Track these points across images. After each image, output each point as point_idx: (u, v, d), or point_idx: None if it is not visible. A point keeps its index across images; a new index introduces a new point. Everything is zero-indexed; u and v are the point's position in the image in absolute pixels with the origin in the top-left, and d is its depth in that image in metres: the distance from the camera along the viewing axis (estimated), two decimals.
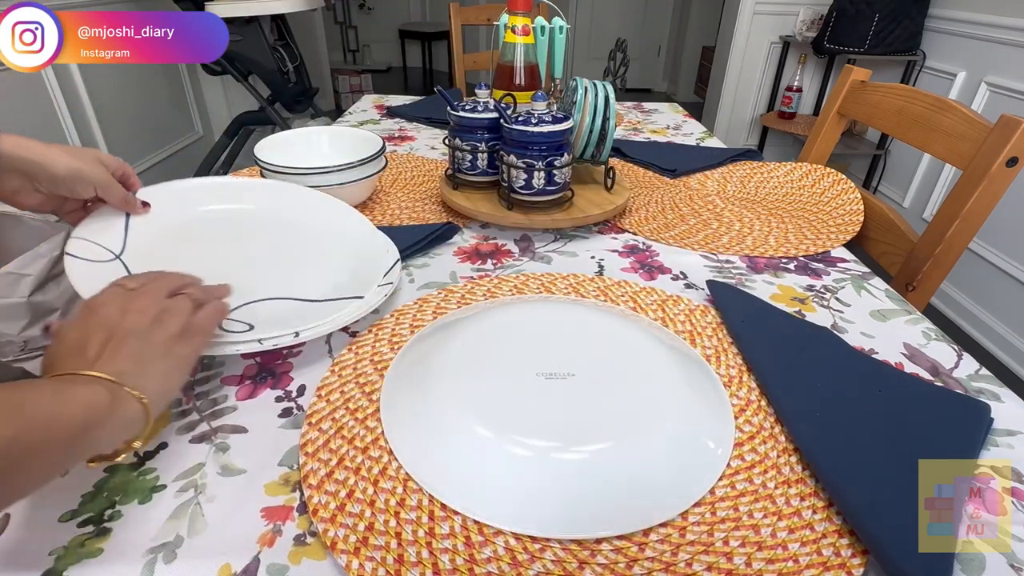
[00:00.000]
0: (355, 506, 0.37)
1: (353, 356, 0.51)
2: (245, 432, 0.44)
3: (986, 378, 0.51)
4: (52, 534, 0.35)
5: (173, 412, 0.45)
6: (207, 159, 2.39)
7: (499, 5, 0.99)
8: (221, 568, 0.34)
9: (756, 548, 0.36)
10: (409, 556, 0.34)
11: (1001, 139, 0.69)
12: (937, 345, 0.56)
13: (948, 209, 0.74)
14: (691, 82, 4.52)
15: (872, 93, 0.93)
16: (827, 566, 0.35)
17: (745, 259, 0.71)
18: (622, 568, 0.35)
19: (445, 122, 0.84)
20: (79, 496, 0.38)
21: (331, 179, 0.74)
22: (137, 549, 0.35)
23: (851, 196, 0.85)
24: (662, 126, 1.27)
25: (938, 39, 2.22)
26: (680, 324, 0.58)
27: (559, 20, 0.88)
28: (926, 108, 0.82)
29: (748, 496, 0.39)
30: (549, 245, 0.74)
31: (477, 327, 0.52)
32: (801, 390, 0.47)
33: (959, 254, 0.75)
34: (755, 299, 0.61)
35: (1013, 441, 0.44)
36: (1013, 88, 1.82)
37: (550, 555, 0.35)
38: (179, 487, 0.39)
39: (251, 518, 0.37)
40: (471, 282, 0.64)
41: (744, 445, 0.43)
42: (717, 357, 0.53)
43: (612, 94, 0.76)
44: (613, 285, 0.64)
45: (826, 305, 0.62)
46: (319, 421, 0.44)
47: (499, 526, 0.36)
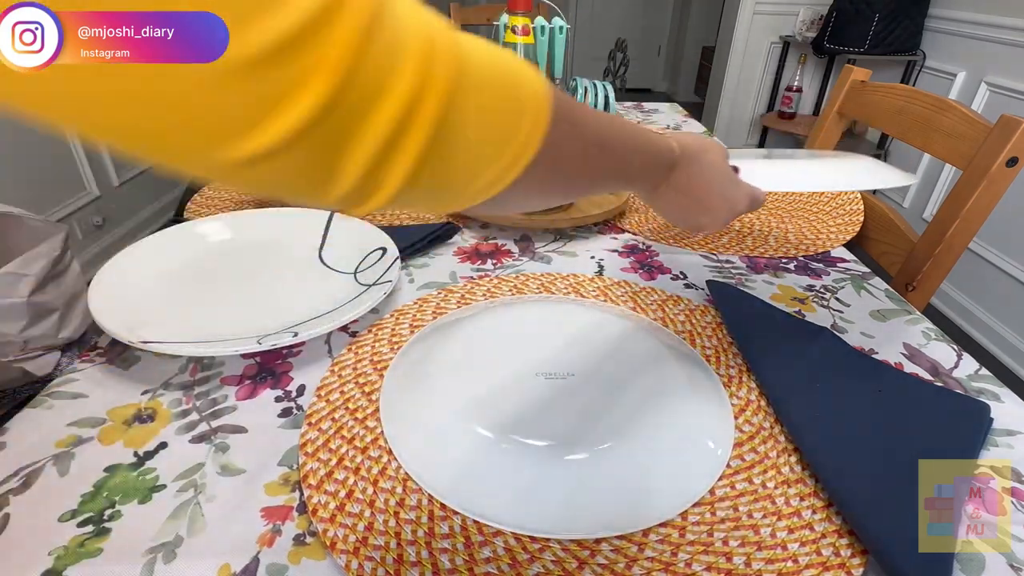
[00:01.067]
0: (355, 506, 0.37)
1: (353, 356, 0.51)
2: (245, 432, 0.44)
3: (986, 378, 0.51)
4: (52, 534, 0.35)
5: (173, 412, 0.45)
6: None
7: (499, 5, 0.99)
8: (221, 568, 0.34)
9: (756, 548, 0.36)
10: (409, 556, 0.34)
11: (1001, 139, 0.69)
12: (937, 345, 0.56)
13: (948, 209, 0.74)
14: (691, 82, 4.52)
15: (872, 93, 0.93)
16: (827, 566, 0.35)
17: (745, 259, 0.71)
18: (621, 568, 0.35)
19: None
20: (79, 496, 0.38)
21: None
22: (137, 549, 0.35)
23: (851, 196, 0.85)
24: (662, 126, 1.27)
25: (938, 39, 2.22)
26: (680, 324, 0.58)
27: (559, 20, 0.88)
28: (926, 108, 0.82)
29: (748, 496, 0.39)
30: (549, 245, 0.74)
31: (477, 327, 0.52)
32: (801, 390, 0.47)
33: (959, 254, 0.75)
34: (755, 299, 0.61)
35: (1013, 441, 0.44)
36: (1013, 88, 1.82)
37: (550, 555, 0.35)
38: (179, 487, 0.39)
39: (251, 518, 0.37)
40: (471, 282, 0.64)
41: (744, 445, 0.43)
42: (717, 357, 0.53)
43: (612, 94, 0.76)
44: (613, 285, 0.64)
45: (826, 305, 0.62)
46: (319, 421, 0.44)
47: (499, 526, 0.36)
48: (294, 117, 0.17)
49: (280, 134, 0.17)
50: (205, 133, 0.16)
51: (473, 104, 0.21)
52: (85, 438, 0.42)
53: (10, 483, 0.39)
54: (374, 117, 0.18)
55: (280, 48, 0.16)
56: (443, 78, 0.19)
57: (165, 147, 0.17)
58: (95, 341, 0.53)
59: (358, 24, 0.17)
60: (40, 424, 0.43)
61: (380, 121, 0.18)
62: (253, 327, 0.51)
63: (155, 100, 0.16)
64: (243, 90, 0.16)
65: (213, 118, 0.16)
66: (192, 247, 0.64)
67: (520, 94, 0.23)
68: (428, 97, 0.19)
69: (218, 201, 0.83)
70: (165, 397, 0.47)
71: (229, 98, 0.16)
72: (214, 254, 0.64)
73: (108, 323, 0.48)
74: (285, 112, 0.16)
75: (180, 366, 0.50)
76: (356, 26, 0.17)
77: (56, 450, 0.41)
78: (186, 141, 0.17)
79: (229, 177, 0.18)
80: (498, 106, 0.22)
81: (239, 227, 0.68)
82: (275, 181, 0.19)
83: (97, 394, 0.47)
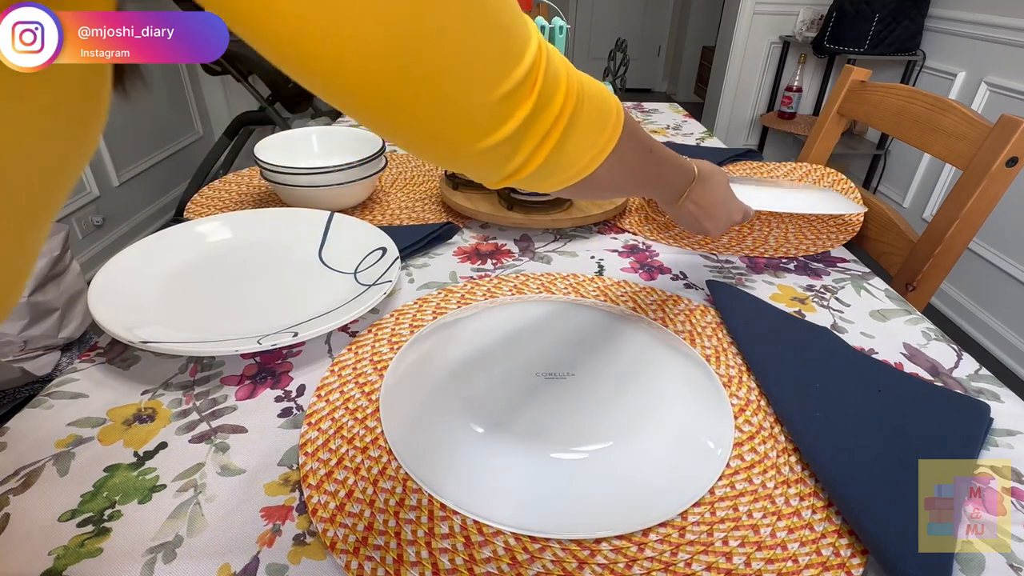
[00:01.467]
0: (354, 506, 0.37)
1: (353, 356, 0.51)
2: (245, 432, 0.44)
3: (986, 378, 0.51)
4: (52, 534, 0.35)
5: (173, 412, 0.45)
6: (207, 159, 2.39)
7: None
8: (221, 568, 0.34)
9: (755, 548, 0.36)
10: (408, 556, 0.34)
11: (1001, 139, 0.69)
12: (937, 345, 0.56)
13: (948, 209, 0.74)
14: (691, 82, 4.52)
15: (872, 93, 0.93)
16: (826, 566, 0.35)
17: (745, 259, 0.71)
18: (621, 568, 0.35)
19: None
20: (79, 496, 0.38)
21: (331, 179, 0.74)
22: (137, 549, 0.35)
23: (851, 197, 0.85)
24: (662, 126, 1.27)
25: (938, 39, 2.22)
26: (680, 324, 0.58)
27: (559, 20, 0.88)
28: (926, 108, 0.82)
29: (748, 496, 0.39)
30: (549, 245, 0.74)
31: (477, 327, 0.52)
32: (801, 390, 0.47)
33: (959, 254, 0.75)
34: (755, 299, 0.61)
35: (1013, 441, 0.44)
36: (1013, 88, 1.82)
37: (549, 555, 0.35)
38: (179, 487, 0.39)
39: (251, 518, 0.37)
40: (471, 282, 0.64)
41: (744, 445, 0.43)
42: (717, 357, 0.53)
43: None
44: (613, 285, 0.64)
45: (826, 305, 0.62)
46: (319, 421, 0.44)
47: (498, 526, 0.36)
48: (512, 125, 0.27)
49: (504, 135, 0.27)
50: (474, 132, 0.27)
51: (585, 113, 0.31)
52: (85, 438, 0.42)
53: (10, 483, 0.39)
54: (541, 122, 0.29)
55: (518, 85, 0.26)
56: (574, 98, 0.30)
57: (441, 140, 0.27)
58: (95, 341, 0.53)
59: (543, 69, 0.27)
60: (40, 424, 0.43)
61: (545, 122, 0.29)
62: (253, 327, 0.51)
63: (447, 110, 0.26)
64: (499, 109, 0.27)
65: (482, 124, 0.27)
66: (192, 247, 0.64)
67: (607, 108, 0.34)
68: (566, 110, 0.30)
69: (218, 201, 0.83)
70: (165, 397, 0.47)
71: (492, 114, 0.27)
72: (214, 254, 0.64)
73: (108, 323, 0.48)
74: (510, 122, 0.27)
75: (180, 366, 0.50)
76: (543, 70, 0.27)
77: (56, 450, 0.41)
78: (458, 137, 0.27)
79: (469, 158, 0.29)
80: (596, 116, 0.33)
81: (239, 227, 0.68)
82: (488, 161, 0.29)
83: (97, 394, 0.47)
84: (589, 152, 0.33)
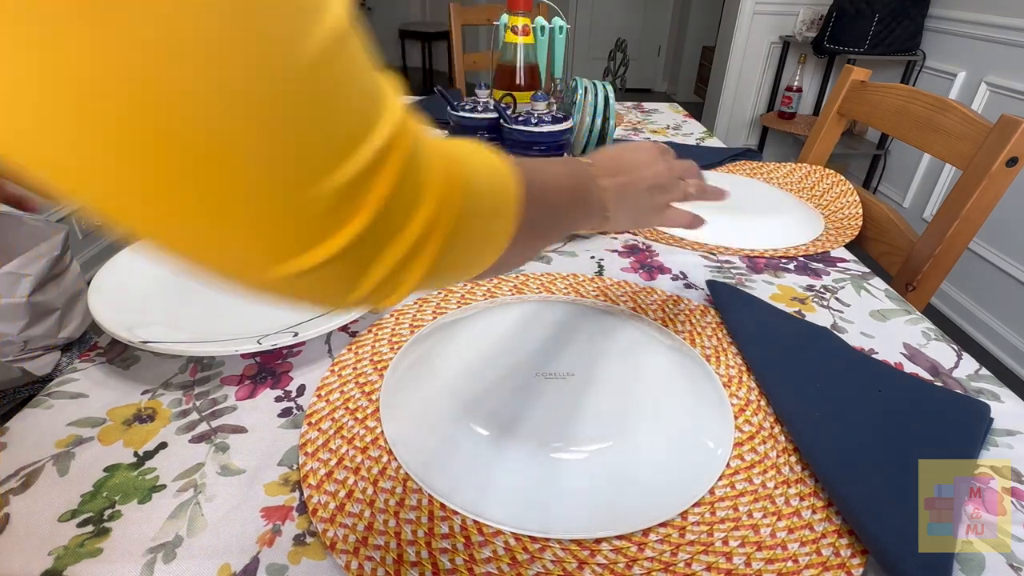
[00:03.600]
0: (355, 506, 0.37)
1: (353, 356, 0.51)
2: (245, 432, 0.44)
3: (986, 378, 0.51)
4: (52, 534, 0.35)
5: (173, 412, 0.45)
6: None
7: (499, 5, 0.99)
8: (221, 568, 0.34)
9: (755, 548, 0.36)
10: (408, 556, 0.34)
11: (1001, 139, 0.69)
12: (937, 345, 0.56)
13: (948, 209, 0.74)
14: (691, 82, 4.52)
15: (872, 93, 0.93)
16: (826, 566, 0.35)
17: (745, 259, 0.71)
18: (621, 568, 0.35)
19: (445, 122, 0.84)
20: (79, 496, 0.38)
21: None
22: (137, 549, 0.35)
23: (850, 199, 0.85)
24: (662, 126, 1.27)
25: (938, 39, 2.22)
26: (680, 324, 0.58)
27: (559, 20, 0.88)
28: (926, 108, 0.82)
29: (748, 496, 0.39)
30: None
31: (477, 327, 0.52)
32: (801, 390, 0.47)
33: (959, 254, 0.75)
34: (755, 299, 0.61)
35: (1013, 441, 0.44)
36: (1013, 88, 1.82)
37: (550, 555, 0.35)
38: (179, 487, 0.39)
39: (250, 518, 0.37)
40: (471, 282, 0.64)
41: (744, 445, 0.43)
42: (717, 357, 0.53)
43: (612, 94, 0.76)
44: (613, 285, 0.64)
45: (826, 305, 0.62)
46: (319, 421, 0.44)
47: (498, 526, 0.36)
48: (344, 240, 0.19)
49: (329, 253, 0.19)
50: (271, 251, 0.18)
51: (473, 217, 0.25)
52: (85, 438, 0.42)
53: (10, 483, 0.39)
54: (399, 239, 0.21)
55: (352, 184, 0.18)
56: (455, 207, 0.23)
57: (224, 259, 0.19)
58: (95, 341, 0.53)
59: (399, 167, 0.20)
60: (40, 424, 0.43)
61: (404, 240, 0.21)
62: (253, 327, 0.51)
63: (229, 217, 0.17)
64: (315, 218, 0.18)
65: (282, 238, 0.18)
66: None
67: (501, 192, 0.27)
68: (441, 223, 0.23)
69: None
70: (165, 397, 0.47)
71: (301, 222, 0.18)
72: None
73: (108, 323, 0.48)
74: (339, 235, 0.19)
75: (180, 366, 0.50)
76: (398, 168, 0.20)
77: (56, 450, 0.41)
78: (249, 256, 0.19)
79: (270, 287, 0.20)
80: (489, 209, 0.27)
81: None
82: (309, 289, 0.21)
83: (97, 394, 0.47)
84: (488, 249, 0.28)
